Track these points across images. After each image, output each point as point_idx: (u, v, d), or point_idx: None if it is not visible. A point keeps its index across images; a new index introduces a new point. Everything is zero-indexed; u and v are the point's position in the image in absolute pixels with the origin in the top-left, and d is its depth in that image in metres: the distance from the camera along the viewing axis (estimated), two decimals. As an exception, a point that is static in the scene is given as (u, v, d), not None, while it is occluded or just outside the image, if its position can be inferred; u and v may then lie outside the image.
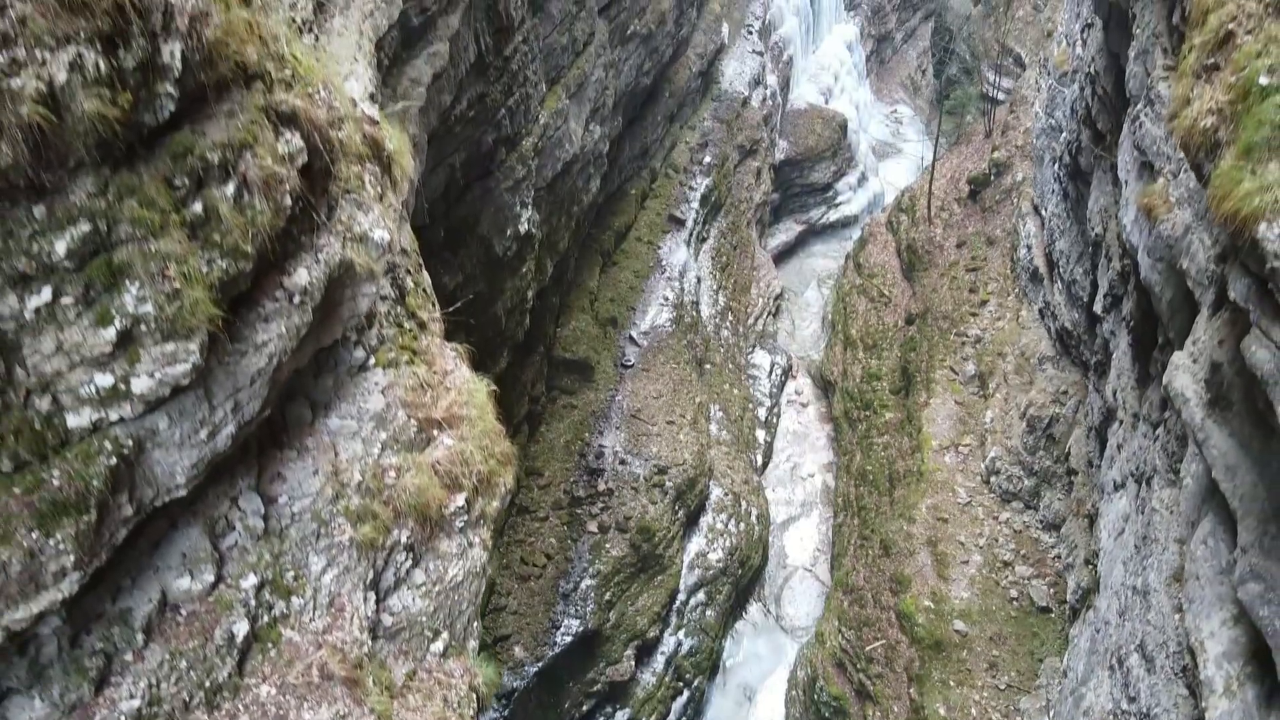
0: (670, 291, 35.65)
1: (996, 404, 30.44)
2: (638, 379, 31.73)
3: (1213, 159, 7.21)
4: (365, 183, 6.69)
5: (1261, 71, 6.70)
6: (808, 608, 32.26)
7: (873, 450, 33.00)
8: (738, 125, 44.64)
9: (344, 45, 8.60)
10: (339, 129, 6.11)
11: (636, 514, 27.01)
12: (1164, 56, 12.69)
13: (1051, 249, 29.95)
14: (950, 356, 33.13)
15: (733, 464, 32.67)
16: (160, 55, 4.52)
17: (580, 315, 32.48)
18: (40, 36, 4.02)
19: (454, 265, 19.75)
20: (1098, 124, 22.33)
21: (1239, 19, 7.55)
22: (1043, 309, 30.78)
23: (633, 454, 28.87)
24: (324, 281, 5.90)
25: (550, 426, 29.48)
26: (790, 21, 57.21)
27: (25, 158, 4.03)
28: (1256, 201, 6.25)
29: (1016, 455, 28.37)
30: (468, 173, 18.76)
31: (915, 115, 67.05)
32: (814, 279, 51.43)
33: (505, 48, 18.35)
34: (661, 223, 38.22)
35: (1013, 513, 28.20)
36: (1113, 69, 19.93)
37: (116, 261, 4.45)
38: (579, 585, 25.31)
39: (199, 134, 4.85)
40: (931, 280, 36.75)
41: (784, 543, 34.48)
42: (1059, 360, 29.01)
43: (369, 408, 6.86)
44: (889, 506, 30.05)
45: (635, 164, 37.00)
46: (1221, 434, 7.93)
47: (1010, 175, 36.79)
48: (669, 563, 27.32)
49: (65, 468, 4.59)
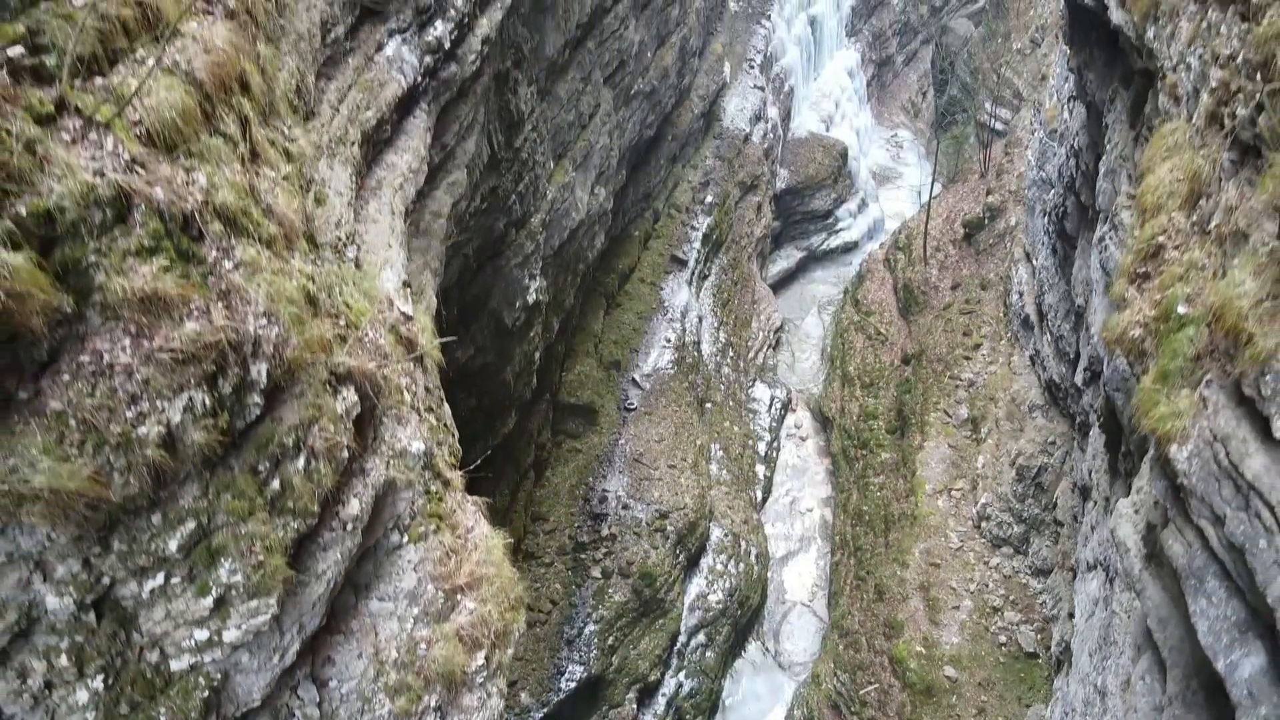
0: (672, 332, 36.65)
1: (988, 449, 31.42)
2: (640, 422, 32.74)
3: (1141, 363, 8.20)
4: (404, 394, 7.72)
5: (1180, 300, 7.66)
6: (805, 643, 33.23)
7: (869, 490, 33.99)
8: (739, 162, 45.62)
9: (378, 232, 9.64)
10: (384, 366, 7.15)
11: (639, 559, 28.04)
12: (1128, 183, 13.69)
13: (1041, 300, 30.90)
14: (944, 399, 34.10)
15: (733, 503, 33.66)
16: (249, 374, 5.56)
17: (585, 359, 33.50)
18: (160, 390, 5.06)
19: (465, 339, 20.79)
20: (1081, 196, 23.29)
21: (1169, 233, 8.51)
22: (1033, 356, 31.74)
23: (635, 498, 29.88)
24: (372, 504, 6.93)
25: (555, 471, 30.51)
26: (791, 52, 58.17)
27: (148, 486, 5.07)
28: (1169, 425, 7.24)
29: (1006, 502, 29.36)
30: (480, 256, 19.78)
31: (915, 139, 68.00)
32: (814, 305, 52.47)
33: (516, 139, 19.37)
34: (664, 263, 39.23)
35: (1003, 558, 29.18)
36: (1093, 149, 20.89)
37: (214, 545, 5.49)
38: (583, 631, 26.33)
39: (277, 421, 5.89)
40: (927, 321, 37.73)
41: (783, 578, 35.46)
42: (1048, 410, 29.98)
43: (403, 586, 7.89)
44: (884, 549, 31.03)
45: (638, 206, 38.00)
46: (1155, 587, 8.91)
47: (1004, 219, 37.75)
48: (670, 606, 28.33)
49: (169, 704, 5.63)
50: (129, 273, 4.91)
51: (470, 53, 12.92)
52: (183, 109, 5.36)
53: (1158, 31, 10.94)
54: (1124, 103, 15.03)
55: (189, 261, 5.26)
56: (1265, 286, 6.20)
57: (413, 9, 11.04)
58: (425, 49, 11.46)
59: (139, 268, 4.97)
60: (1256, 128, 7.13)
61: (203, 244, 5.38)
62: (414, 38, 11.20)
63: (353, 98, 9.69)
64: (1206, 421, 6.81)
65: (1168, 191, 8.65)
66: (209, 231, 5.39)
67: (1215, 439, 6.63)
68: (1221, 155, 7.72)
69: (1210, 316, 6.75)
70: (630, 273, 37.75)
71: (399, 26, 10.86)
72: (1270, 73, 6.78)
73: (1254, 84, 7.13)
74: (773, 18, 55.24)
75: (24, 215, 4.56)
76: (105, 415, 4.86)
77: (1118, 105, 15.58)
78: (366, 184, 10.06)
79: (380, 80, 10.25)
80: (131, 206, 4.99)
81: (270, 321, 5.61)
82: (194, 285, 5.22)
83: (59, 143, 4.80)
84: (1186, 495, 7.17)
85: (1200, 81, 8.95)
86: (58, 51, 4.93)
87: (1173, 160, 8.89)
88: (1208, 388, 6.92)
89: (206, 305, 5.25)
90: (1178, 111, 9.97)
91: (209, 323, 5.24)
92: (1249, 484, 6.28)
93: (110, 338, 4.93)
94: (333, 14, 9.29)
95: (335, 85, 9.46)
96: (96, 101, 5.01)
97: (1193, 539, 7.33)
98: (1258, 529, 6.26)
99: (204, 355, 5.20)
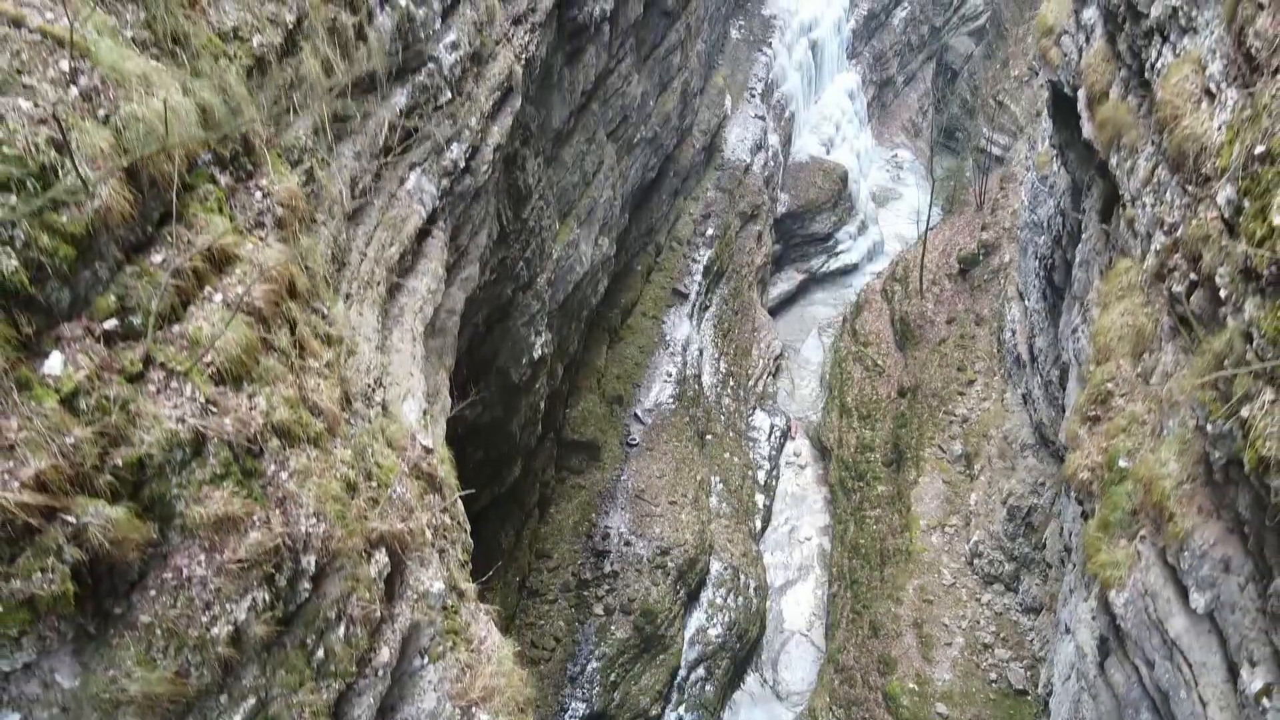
0: (673, 366, 37.54)
1: (981, 486, 32.27)
2: (642, 458, 33.64)
3: (1089, 503, 9.07)
4: (426, 533, 8.62)
5: (1121, 454, 8.54)
6: (803, 672, 34.10)
7: (865, 524, 34.85)
8: (740, 192, 46.48)
9: (401, 361, 10.54)
10: (410, 519, 8.05)
11: (640, 596, 28.93)
12: (1099, 278, 14.55)
13: (1033, 342, 31.73)
14: (939, 434, 34.95)
15: (732, 536, 34.55)
16: (300, 565, 6.46)
17: (588, 395, 34.39)
18: (229, 594, 5.96)
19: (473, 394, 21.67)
20: (1068, 254, 24.12)
21: (1117, 380, 9.39)
22: (1025, 395, 32.57)
23: (637, 535, 30.78)
24: (400, 647, 7.83)
25: (559, 507, 31.41)
26: (792, 78, 58.97)
27: (218, 676, 5.97)
28: (1109, 573, 8.11)
29: (998, 540, 30.22)
30: (488, 321, 20.67)
31: (915, 159, 68.78)
32: (814, 326, 53.38)
33: (524, 211, 20.25)
34: (666, 296, 40.13)
35: (994, 595, 30.04)
36: (1075, 219, 21.75)
37: (270, 715, 6.39)
38: (585, 668, 27.23)
39: (321, 597, 6.78)
40: (922, 355, 38.58)
41: (781, 607, 36.34)
42: (1039, 450, 30.82)
43: (425, 707, 8.78)
44: (879, 583, 31.90)
45: (641, 241, 38.85)
46: (1107, 694, 9.78)
47: (998, 256, 38.58)
48: (670, 641, 29.23)
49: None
50: (205, 500, 5.81)
51: (483, 163, 13.81)
52: (246, 344, 6.26)
53: (1120, 161, 11.81)
54: (1099, 191, 15.88)
55: (251, 478, 6.16)
56: (1185, 469, 7.06)
57: (432, 143, 11.94)
58: (442, 173, 12.36)
59: (212, 494, 5.87)
60: (1190, 304, 8.00)
61: (262, 459, 6.28)
62: (432, 166, 12.09)
63: (379, 238, 10.59)
64: (1140, 575, 7.67)
65: (1118, 335, 9.51)
66: (267, 448, 6.29)
67: (1146, 593, 7.50)
68: (1162, 318, 8.59)
69: (1143, 484, 7.62)
70: (633, 307, 38.63)
71: (418, 159, 11.76)
72: (1199, 267, 7.64)
73: (1189, 265, 8.00)
74: (774, 44, 56.08)
75: (120, 466, 5.46)
76: (185, 622, 5.76)
77: (1094, 193, 16.42)
78: (389, 312, 10.96)
79: (403, 216, 11.15)
80: (205, 441, 5.90)
81: (319, 520, 6.51)
82: (255, 499, 6.12)
83: (147, 395, 5.70)
84: (1124, 636, 8.04)
85: (1151, 227, 9.81)
86: (143, 312, 5.83)
87: (1125, 302, 9.75)
88: (1142, 543, 7.79)
89: (267, 515, 6.15)
90: (1135, 245, 10.84)
91: (269, 530, 6.14)
92: (1172, 640, 7.14)
93: (188, 554, 5.82)
94: (360, 168, 10.20)
95: (363, 230, 10.36)
96: (176, 352, 5.91)
97: (1130, 672, 8.19)
98: (1179, 680, 7.12)
99: (264, 560, 6.10)
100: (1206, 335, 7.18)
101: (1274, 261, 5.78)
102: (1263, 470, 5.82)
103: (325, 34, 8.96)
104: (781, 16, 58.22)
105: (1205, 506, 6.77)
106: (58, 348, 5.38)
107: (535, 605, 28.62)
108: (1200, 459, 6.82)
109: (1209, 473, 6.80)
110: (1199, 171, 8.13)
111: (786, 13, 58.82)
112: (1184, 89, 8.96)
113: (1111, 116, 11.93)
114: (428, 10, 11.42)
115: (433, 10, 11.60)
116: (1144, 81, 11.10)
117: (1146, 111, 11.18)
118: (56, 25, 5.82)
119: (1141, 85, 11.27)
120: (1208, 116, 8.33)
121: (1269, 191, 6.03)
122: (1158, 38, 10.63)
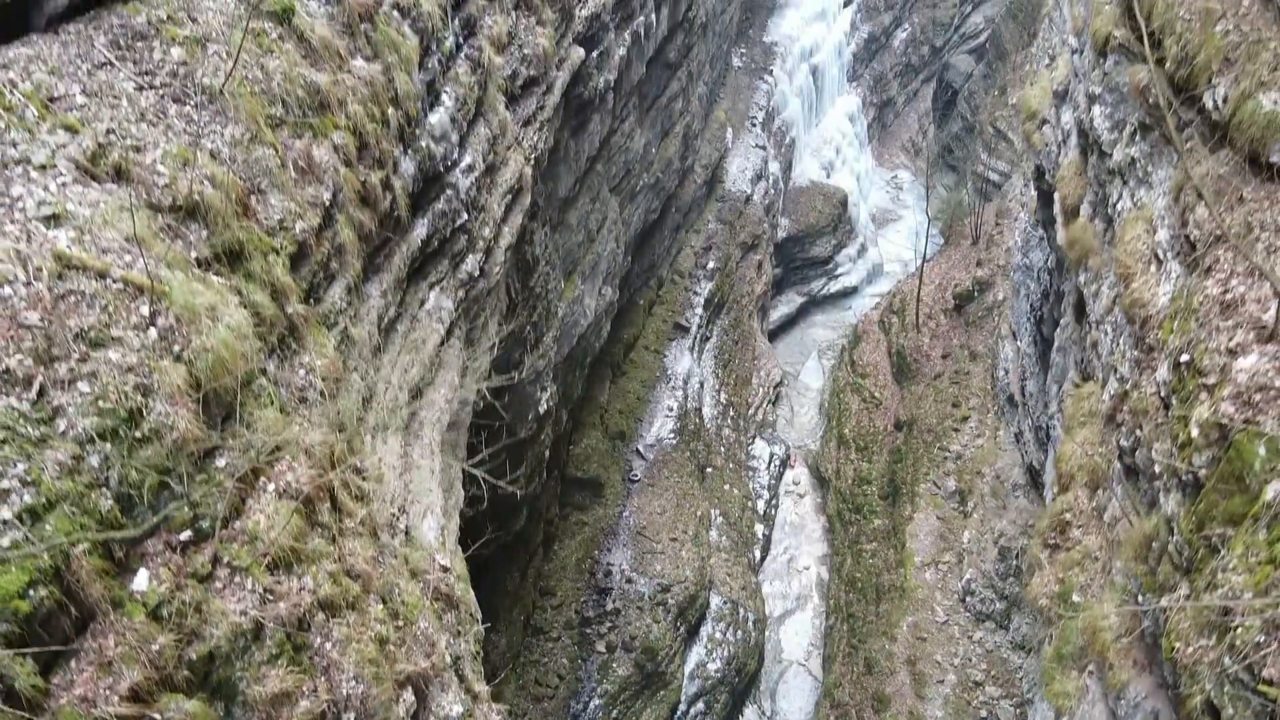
0: (674, 401, 38.42)
1: (974, 524, 33.16)
2: (643, 494, 34.53)
3: (1047, 629, 9.95)
4: (446, 659, 9.54)
5: (1075, 589, 9.44)
6: (801, 702, 35.01)
7: (861, 557, 35.74)
8: (740, 223, 47.33)
9: (420, 479, 11.45)
10: (433, 655, 8.96)
11: (641, 634, 29.83)
12: (1074, 369, 15.43)
13: (1024, 384, 32.61)
14: (933, 470, 35.84)
15: (732, 569, 35.42)
16: (341, 721, 7.38)
17: (591, 431, 35.27)
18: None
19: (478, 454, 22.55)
20: (1054, 312, 24.99)
21: (1074, 511, 10.28)
22: (1017, 434, 33.46)
23: (638, 572, 31.68)
24: (424, 771, 8.75)
25: (563, 544, 32.30)
26: (793, 104, 59.76)
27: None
28: (1061, 702, 8.99)
29: (989, 579, 31.11)
30: (496, 391, 21.55)
31: (915, 179, 69.52)
32: (814, 350, 54.31)
33: (531, 280, 21.13)
34: (667, 329, 41.00)
35: (986, 632, 30.93)
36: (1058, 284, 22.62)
37: None
38: (588, 705, 28.14)
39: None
40: (919, 389, 39.46)
41: (780, 636, 37.24)
42: (1029, 491, 31.70)
43: (446, 811, 9.70)
44: (874, 618, 32.80)
45: (643, 277, 39.66)
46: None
47: (992, 294, 39.45)
48: (671, 678, 30.12)
49: None
50: (263, 679, 6.73)
51: (496, 265, 14.71)
52: (296, 532, 7.19)
53: (1086, 281, 12.70)
54: (1073, 288, 16.74)
55: (301, 651, 7.08)
56: (1124, 625, 7.95)
57: (449, 258, 12.85)
58: (458, 285, 13.27)
59: (269, 673, 6.78)
60: (1135, 458, 8.88)
61: (309, 632, 7.21)
62: (449, 281, 13.00)
63: (401, 362, 11.51)
64: (1087, 708, 8.57)
65: (1078, 464, 10.40)
66: (314, 623, 7.21)
67: (1094, 727, 8.42)
68: (1114, 460, 9.47)
69: (1089, 630, 8.52)
70: (635, 341, 39.46)
71: (437, 278, 12.67)
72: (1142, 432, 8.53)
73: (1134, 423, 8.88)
74: (775, 71, 56.87)
75: (194, 660, 6.39)
76: (246, 786, 6.68)
77: (1070, 284, 17.27)
78: (409, 428, 11.88)
79: (423, 337, 12.07)
80: (263, 627, 6.82)
81: (358, 681, 7.43)
82: (305, 671, 7.04)
83: (215, 593, 6.63)
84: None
85: (1109, 366, 10.71)
86: (210, 517, 6.75)
87: (1087, 430, 10.64)
88: (1090, 677, 8.68)
89: (314, 685, 7.08)
90: (1098, 367, 11.73)
91: (316, 697, 7.06)
92: (1116, 774, 8.05)
93: (249, 727, 6.75)
94: (385, 304, 11.11)
95: (387, 358, 11.28)
96: (239, 549, 6.84)
97: (1084, 790, 9.12)
98: (1122, 811, 8.03)
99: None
100: (1142, 501, 8.08)
101: (1190, 471, 6.66)
102: (1175, 669, 6.67)
103: (356, 200, 9.87)
104: (783, 43, 59.01)
105: (1139, 660, 7.63)
106: (143, 564, 6.30)
107: (539, 643, 29.53)
108: (1136, 618, 7.69)
109: (1142, 634, 7.67)
110: (1144, 339, 9.01)
111: (788, 39, 59.61)
112: (1136, 249, 9.82)
113: (1080, 238, 12.80)
114: (447, 145, 12.33)
115: (451, 143, 12.50)
116: (1108, 216, 11.97)
117: (1110, 241, 12.06)
118: (133, 272, 6.72)
119: (1106, 218, 12.14)
120: (1155, 283, 9.20)
121: (1190, 401, 6.89)
122: (1119, 180, 11.50)
